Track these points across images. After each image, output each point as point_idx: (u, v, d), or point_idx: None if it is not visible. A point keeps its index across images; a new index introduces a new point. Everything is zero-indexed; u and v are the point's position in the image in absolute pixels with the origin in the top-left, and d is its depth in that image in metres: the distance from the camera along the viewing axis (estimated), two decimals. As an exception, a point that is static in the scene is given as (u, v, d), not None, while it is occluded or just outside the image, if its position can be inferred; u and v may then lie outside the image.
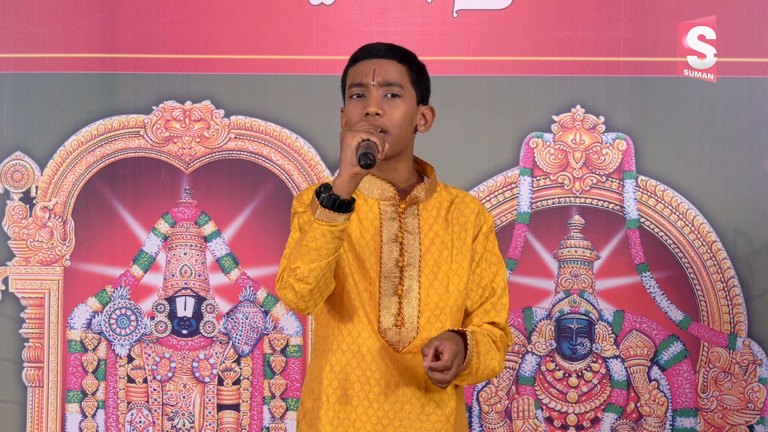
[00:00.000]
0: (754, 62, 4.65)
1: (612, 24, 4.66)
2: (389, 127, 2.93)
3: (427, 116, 3.03)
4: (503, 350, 3.00)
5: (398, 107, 2.95)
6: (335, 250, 2.80)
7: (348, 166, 2.77)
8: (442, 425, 2.96)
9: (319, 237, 2.78)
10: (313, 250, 2.78)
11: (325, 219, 2.77)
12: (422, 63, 3.04)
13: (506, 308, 3.03)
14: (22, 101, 4.75)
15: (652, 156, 4.67)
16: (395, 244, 2.96)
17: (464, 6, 4.69)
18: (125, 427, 4.74)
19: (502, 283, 3.03)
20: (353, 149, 2.77)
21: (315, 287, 2.82)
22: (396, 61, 2.98)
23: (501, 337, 3.01)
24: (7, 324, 4.77)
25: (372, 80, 2.94)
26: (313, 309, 2.87)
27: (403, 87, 2.96)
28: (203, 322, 4.75)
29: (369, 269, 2.94)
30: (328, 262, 2.80)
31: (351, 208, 2.79)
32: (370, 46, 3.01)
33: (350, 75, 2.99)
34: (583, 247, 4.69)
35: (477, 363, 2.88)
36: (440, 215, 3.01)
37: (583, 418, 4.70)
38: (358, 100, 2.95)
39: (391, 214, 2.98)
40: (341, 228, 2.78)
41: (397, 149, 2.95)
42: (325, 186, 2.80)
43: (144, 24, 4.73)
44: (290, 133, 4.74)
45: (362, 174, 2.77)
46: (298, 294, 2.83)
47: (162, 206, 4.76)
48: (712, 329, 4.66)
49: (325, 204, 2.77)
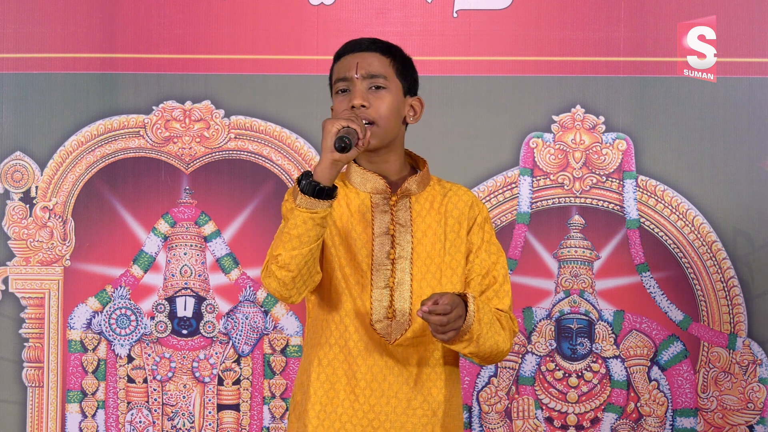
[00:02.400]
0: (754, 62, 4.65)
1: (612, 24, 4.66)
2: (376, 119, 2.93)
3: (416, 107, 3.03)
4: (509, 330, 2.98)
5: (384, 98, 2.95)
6: (317, 237, 2.80)
7: (328, 153, 2.78)
8: (429, 419, 2.96)
9: (300, 224, 2.78)
10: (295, 237, 2.79)
11: (305, 206, 2.78)
12: (407, 56, 3.05)
13: (509, 295, 3.02)
14: (22, 101, 4.75)
15: (652, 156, 4.67)
16: (387, 236, 2.96)
17: (464, 6, 4.69)
18: (125, 427, 4.75)
19: (502, 270, 3.03)
20: (333, 135, 2.78)
21: (297, 275, 2.82)
22: (379, 54, 2.99)
23: (506, 317, 2.99)
24: (7, 324, 4.77)
25: (356, 73, 2.95)
26: (298, 298, 2.87)
27: (388, 78, 2.96)
28: (203, 322, 4.75)
29: (361, 262, 2.94)
30: (309, 249, 2.80)
31: (332, 195, 2.79)
32: (353, 41, 3.03)
33: (335, 71, 3.01)
34: (583, 247, 4.69)
35: (478, 329, 2.84)
36: (433, 208, 3.01)
37: (583, 418, 4.70)
38: (344, 95, 2.96)
39: (383, 206, 2.98)
40: (322, 215, 2.78)
41: (385, 140, 2.96)
42: (306, 173, 2.81)
43: (144, 24, 4.74)
44: (290, 133, 4.74)
45: (342, 160, 2.78)
46: (280, 282, 2.83)
47: (162, 206, 4.76)
48: (712, 329, 4.66)
49: (305, 191, 2.78)
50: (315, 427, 2.93)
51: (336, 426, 2.93)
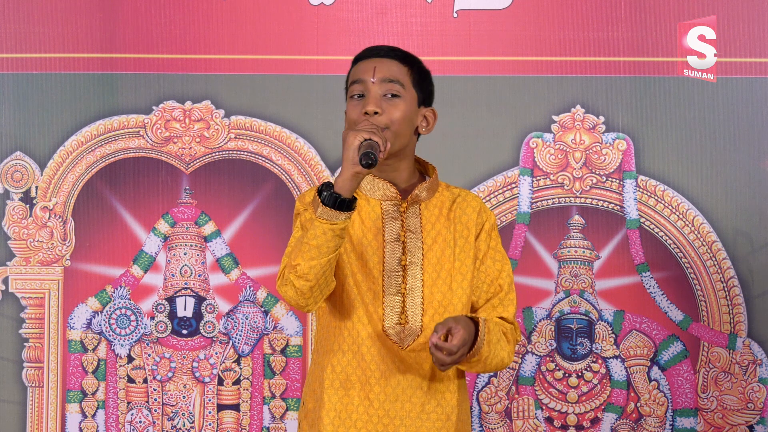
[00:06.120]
0: (754, 62, 4.65)
1: (612, 24, 4.66)
2: (388, 125, 2.93)
3: (429, 118, 3.04)
4: (513, 343, 3.01)
5: (398, 106, 2.95)
6: (336, 248, 2.81)
7: (350, 165, 2.78)
8: (443, 423, 2.97)
9: (320, 235, 2.79)
10: (314, 247, 2.80)
11: (326, 217, 2.79)
12: (426, 68, 3.05)
13: (513, 303, 3.05)
14: (22, 101, 4.75)
15: (652, 156, 4.67)
16: (398, 243, 2.97)
17: (464, 6, 4.69)
18: (125, 427, 4.75)
19: (508, 278, 3.04)
20: (355, 149, 2.78)
21: (315, 284, 2.83)
22: (398, 61, 2.99)
23: (511, 330, 3.02)
24: (7, 324, 4.77)
25: (372, 77, 2.95)
26: (313, 306, 2.88)
27: (404, 87, 2.97)
28: (203, 322, 4.75)
29: (372, 268, 2.95)
30: (328, 260, 2.81)
31: (352, 207, 2.80)
32: (374, 47, 3.03)
33: (352, 73, 3.01)
34: (583, 247, 4.69)
35: (487, 351, 2.89)
36: (442, 214, 3.02)
37: (583, 418, 4.70)
38: (358, 100, 2.96)
39: (393, 213, 2.99)
40: (342, 226, 2.80)
41: (395, 148, 2.96)
42: (327, 184, 2.82)
43: (144, 24, 4.73)
44: (290, 133, 4.74)
45: (363, 173, 2.79)
46: (298, 291, 2.84)
47: (162, 206, 4.76)
48: (712, 329, 4.66)
49: (326, 202, 2.79)
50: None
51: None
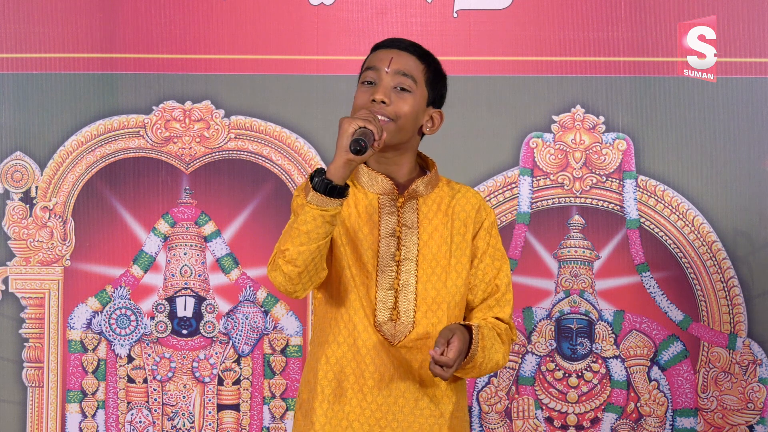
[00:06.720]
0: (754, 62, 4.65)
1: (612, 24, 4.67)
2: (393, 117, 2.92)
3: (435, 119, 3.02)
4: (508, 344, 3.00)
5: (406, 101, 2.94)
6: (326, 234, 2.80)
7: (342, 152, 2.77)
8: (436, 420, 2.96)
9: (310, 221, 2.78)
10: (303, 233, 2.79)
11: (316, 203, 2.78)
12: (444, 71, 3.03)
13: (510, 304, 3.03)
14: (22, 101, 4.75)
15: (652, 156, 4.68)
16: (393, 238, 2.96)
17: (464, 6, 4.69)
18: (125, 427, 4.74)
19: (505, 279, 3.03)
20: (349, 136, 2.78)
21: (304, 270, 2.82)
22: (415, 57, 2.97)
23: (506, 330, 3.00)
24: (7, 324, 4.77)
25: (387, 67, 2.94)
26: (302, 293, 2.87)
27: (416, 83, 2.95)
28: (203, 322, 4.75)
29: (366, 263, 2.94)
30: (318, 246, 2.80)
31: (344, 194, 2.79)
32: (395, 38, 3.02)
33: (368, 60, 2.99)
34: (583, 247, 4.69)
35: (482, 357, 2.88)
36: (440, 210, 3.00)
37: (583, 418, 4.71)
38: (368, 87, 2.95)
39: (390, 208, 2.98)
40: (333, 213, 2.79)
41: (396, 140, 2.94)
42: (319, 170, 2.81)
43: (144, 24, 4.73)
44: (290, 133, 4.74)
45: (356, 161, 2.78)
46: (286, 276, 2.83)
47: (162, 206, 4.76)
48: (712, 329, 4.66)
49: (318, 188, 2.78)
50: (322, 425, 2.93)
51: (343, 424, 2.93)
